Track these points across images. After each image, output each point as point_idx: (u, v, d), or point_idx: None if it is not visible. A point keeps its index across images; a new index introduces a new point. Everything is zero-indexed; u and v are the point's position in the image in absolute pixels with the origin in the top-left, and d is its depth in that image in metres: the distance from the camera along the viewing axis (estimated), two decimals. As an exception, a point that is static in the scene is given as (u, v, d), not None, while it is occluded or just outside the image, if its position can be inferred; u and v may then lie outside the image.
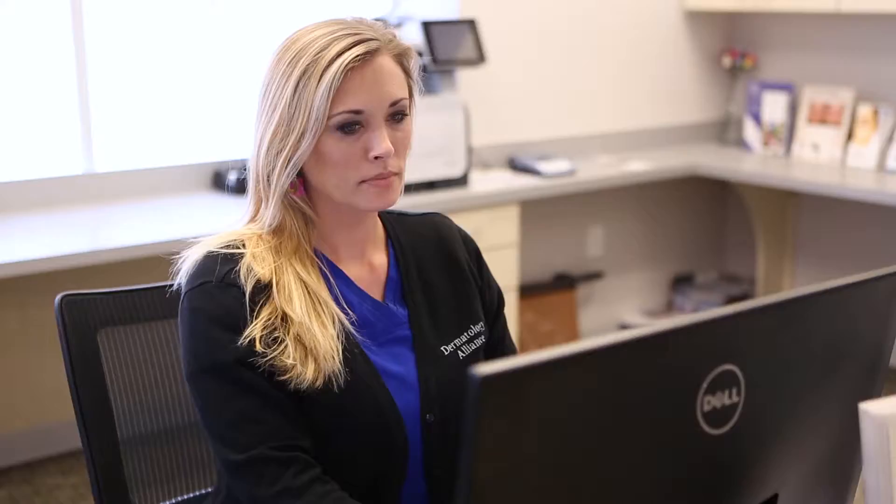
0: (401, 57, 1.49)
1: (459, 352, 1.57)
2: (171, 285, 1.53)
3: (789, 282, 4.87)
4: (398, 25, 3.88)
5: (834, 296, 1.07)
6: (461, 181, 3.79)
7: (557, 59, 4.45)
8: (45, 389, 3.53)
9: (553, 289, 4.49)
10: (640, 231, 4.88)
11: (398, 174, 1.48)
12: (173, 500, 1.72)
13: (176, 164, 3.80)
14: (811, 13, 4.53)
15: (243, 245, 1.48)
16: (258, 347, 1.40)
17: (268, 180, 1.48)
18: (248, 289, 1.42)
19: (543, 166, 4.11)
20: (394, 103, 1.46)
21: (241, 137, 3.91)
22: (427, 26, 3.74)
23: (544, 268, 4.47)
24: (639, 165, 4.37)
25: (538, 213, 4.35)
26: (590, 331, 4.69)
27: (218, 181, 3.77)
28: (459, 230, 1.70)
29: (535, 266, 4.45)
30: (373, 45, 1.45)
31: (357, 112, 1.43)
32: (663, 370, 0.96)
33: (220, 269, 1.45)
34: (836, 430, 1.14)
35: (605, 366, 0.91)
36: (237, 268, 1.45)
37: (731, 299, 4.85)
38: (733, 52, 4.89)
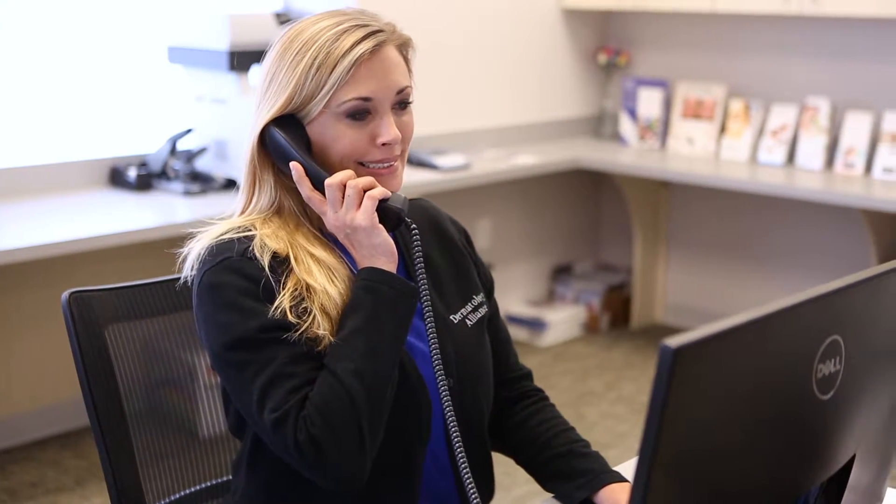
0: (403, 47, 1.57)
1: (467, 320, 1.62)
2: (178, 279, 1.53)
3: (663, 270, 5.07)
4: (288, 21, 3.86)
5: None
6: (364, 175, 3.80)
7: (444, 57, 4.51)
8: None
9: (444, 281, 4.54)
10: (524, 223, 4.99)
11: (401, 156, 1.55)
12: (186, 491, 1.70)
13: (72, 161, 3.68)
14: (685, 12, 4.72)
15: (251, 229, 1.50)
16: (290, 318, 1.42)
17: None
18: (266, 262, 1.44)
19: (439, 160, 4.16)
20: (399, 91, 1.53)
21: (139, 133, 3.83)
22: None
23: (436, 261, 4.52)
24: (527, 159, 4.48)
25: (432, 206, 4.40)
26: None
27: (116, 178, 3.67)
28: (447, 214, 1.76)
29: (428, 259, 4.48)
30: (381, 36, 1.52)
31: (366, 99, 1.50)
32: (792, 339, 1.03)
33: (237, 247, 1.46)
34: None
35: (759, 336, 0.98)
36: (252, 245, 1.47)
37: (612, 288, 5.02)
38: (608, 49, 5.05)
